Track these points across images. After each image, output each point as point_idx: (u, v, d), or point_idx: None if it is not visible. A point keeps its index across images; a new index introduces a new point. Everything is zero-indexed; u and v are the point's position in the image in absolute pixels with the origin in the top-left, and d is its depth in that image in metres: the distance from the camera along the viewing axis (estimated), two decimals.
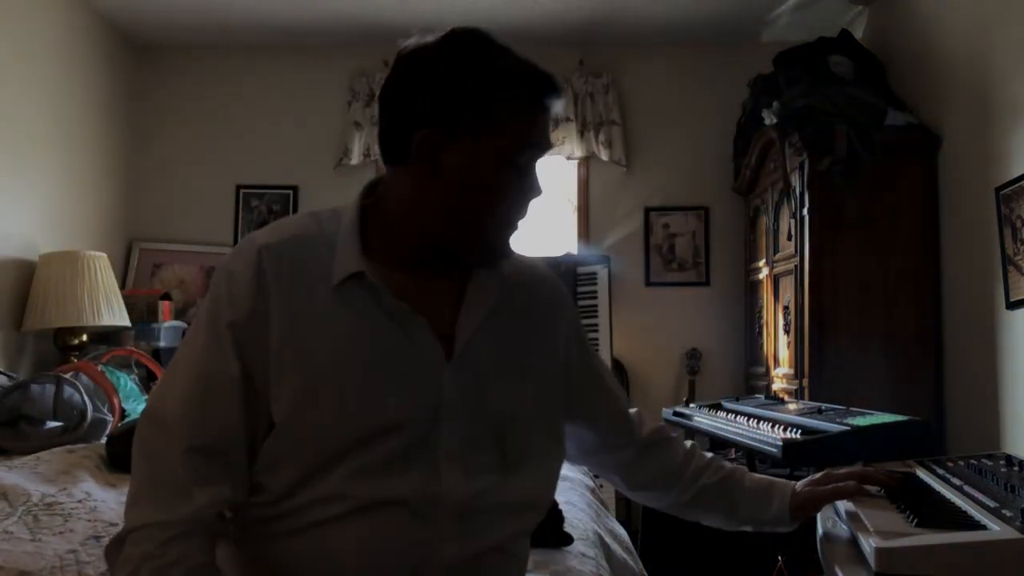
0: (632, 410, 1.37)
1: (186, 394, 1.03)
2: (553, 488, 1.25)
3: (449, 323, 1.09)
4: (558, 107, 1.13)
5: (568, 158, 4.28)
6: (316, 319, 1.04)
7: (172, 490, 1.00)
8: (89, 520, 1.58)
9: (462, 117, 1.04)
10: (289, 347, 1.03)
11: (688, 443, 1.39)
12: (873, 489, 1.32)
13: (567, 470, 2.27)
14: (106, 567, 1.09)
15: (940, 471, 1.45)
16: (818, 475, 1.35)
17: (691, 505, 1.34)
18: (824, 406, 2.31)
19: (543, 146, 1.10)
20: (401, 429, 1.04)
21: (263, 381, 1.03)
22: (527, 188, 1.09)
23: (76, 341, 3.40)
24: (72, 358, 3.26)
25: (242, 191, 4.34)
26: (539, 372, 1.18)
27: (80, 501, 1.66)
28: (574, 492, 2.08)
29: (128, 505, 1.03)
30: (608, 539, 1.87)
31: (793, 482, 1.34)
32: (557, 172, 4.36)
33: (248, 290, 1.04)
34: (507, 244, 1.12)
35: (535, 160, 1.09)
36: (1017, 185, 2.50)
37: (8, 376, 2.79)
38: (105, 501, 1.70)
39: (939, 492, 1.33)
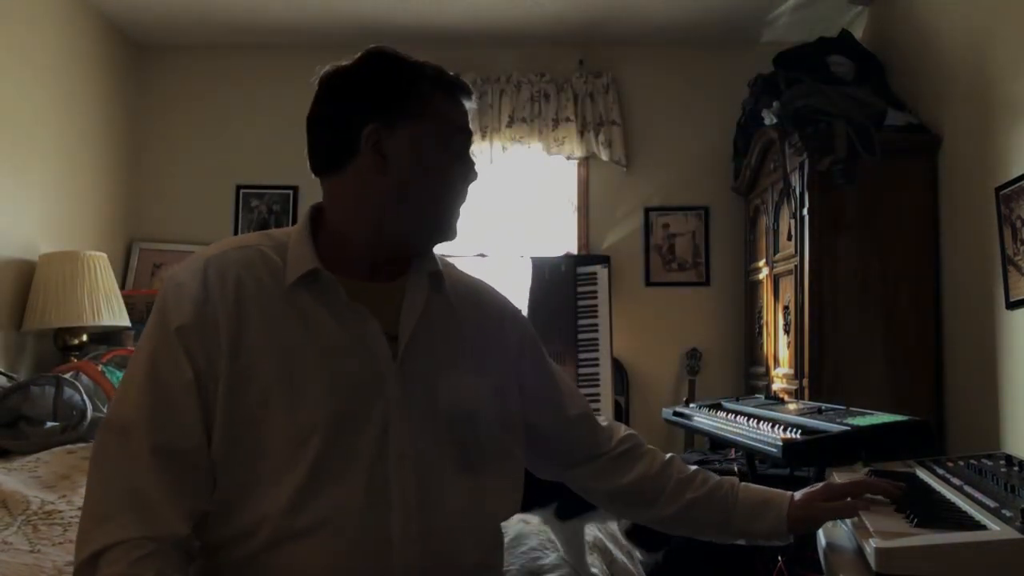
0: (603, 422, 1.35)
1: (143, 399, 1.03)
2: (519, 491, 1.22)
3: (394, 325, 1.13)
4: (472, 106, 1.20)
5: (568, 158, 4.28)
6: (263, 325, 1.06)
7: (141, 502, 0.98)
8: None
9: (398, 108, 1.12)
10: (235, 354, 1.04)
11: (668, 455, 1.34)
12: (875, 498, 1.27)
13: None
14: None
15: (940, 471, 1.45)
16: (818, 486, 1.29)
17: (676, 520, 1.30)
18: (824, 406, 2.31)
19: (469, 134, 1.18)
20: (348, 430, 1.05)
21: (213, 386, 1.03)
22: (464, 171, 1.17)
23: (76, 341, 3.40)
24: (72, 358, 3.26)
25: (242, 191, 4.34)
26: (494, 370, 1.21)
27: (80, 509, 1.65)
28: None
29: (92, 523, 0.99)
30: (608, 543, 1.87)
31: (790, 493, 1.28)
32: (557, 172, 4.36)
33: (194, 298, 1.05)
34: (454, 226, 1.18)
35: (466, 146, 1.18)
36: (1017, 185, 2.50)
37: (8, 376, 2.79)
38: None
39: (939, 492, 1.32)
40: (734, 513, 1.27)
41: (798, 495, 1.27)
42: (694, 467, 1.33)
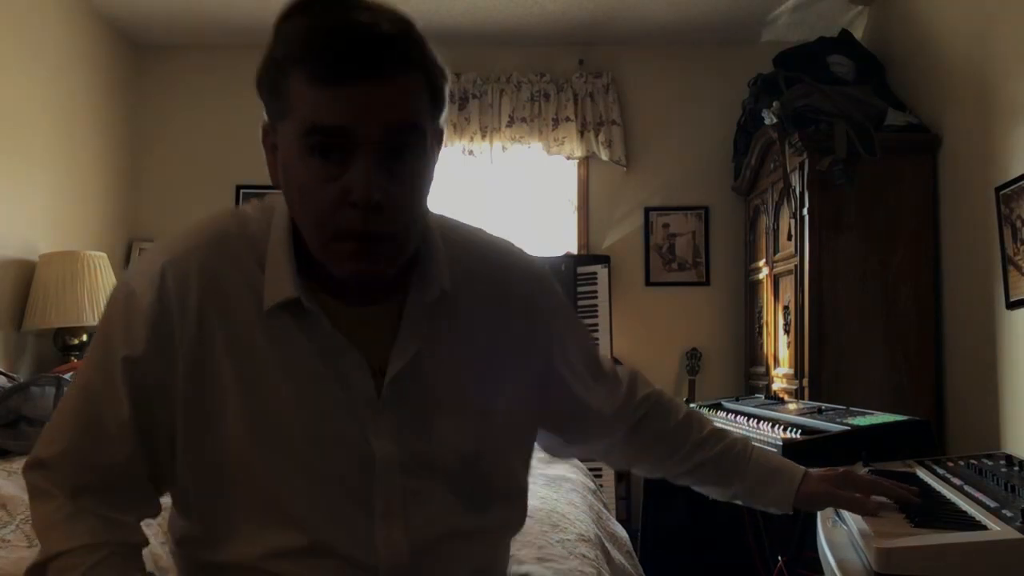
0: (623, 388, 1.20)
1: (71, 433, 0.92)
2: (524, 508, 1.09)
3: (386, 358, 0.94)
4: (386, 71, 0.83)
5: (568, 158, 4.28)
6: (233, 355, 0.90)
7: (80, 520, 0.90)
8: None
9: (266, 102, 0.90)
10: (197, 385, 0.90)
11: (687, 409, 1.25)
12: (884, 501, 1.23)
13: (568, 472, 2.27)
14: None
15: (940, 471, 1.45)
16: (839, 470, 1.24)
17: (684, 475, 1.24)
18: (824, 406, 2.31)
19: (342, 129, 0.83)
20: (328, 479, 0.92)
21: (164, 423, 0.91)
22: (337, 176, 0.84)
23: (76, 341, 3.40)
24: (72, 358, 3.26)
25: (242, 191, 4.34)
26: (511, 386, 1.02)
27: None
28: (575, 494, 2.08)
29: (41, 531, 0.92)
30: (608, 544, 1.87)
31: (804, 469, 1.23)
32: (557, 172, 4.36)
33: (147, 319, 0.89)
34: (338, 253, 0.88)
35: (333, 147, 0.84)
36: (1017, 185, 2.50)
37: (8, 377, 2.78)
38: None
39: (939, 492, 1.32)
40: (742, 480, 1.22)
41: (815, 472, 1.22)
42: (712, 425, 1.26)
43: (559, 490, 2.02)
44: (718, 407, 2.71)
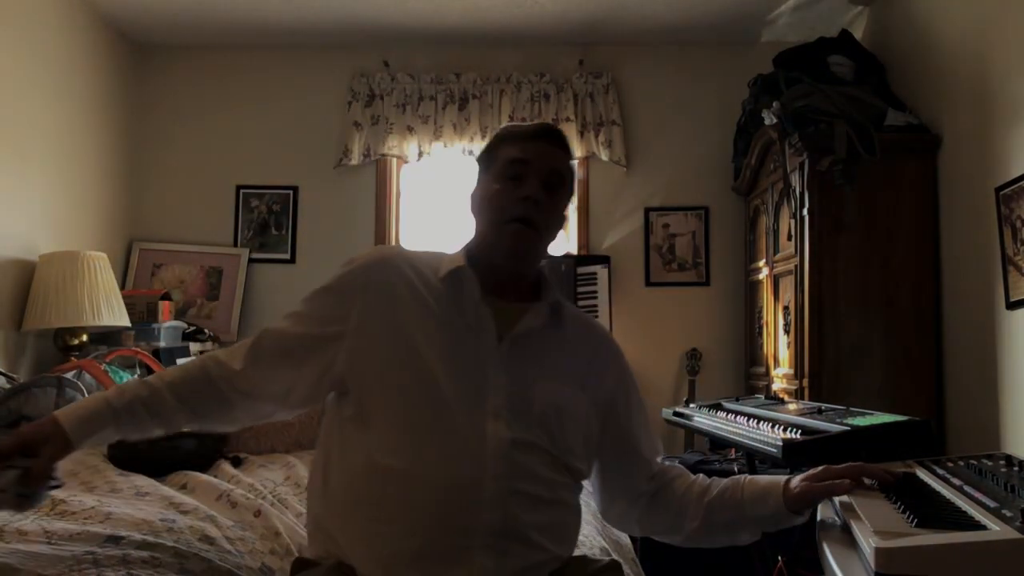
0: (658, 451, 1.53)
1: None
2: (578, 476, 1.41)
3: (509, 332, 1.37)
4: (556, 142, 1.45)
5: None
6: (410, 318, 1.35)
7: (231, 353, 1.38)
8: (103, 522, 1.54)
9: (482, 164, 1.48)
10: (380, 329, 1.35)
11: (692, 476, 1.50)
12: (868, 482, 1.36)
13: None
14: (126, 570, 1.32)
15: (940, 471, 1.45)
16: (818, 469, 1.39)
17: (704, 528, 1.44)
18: (824, 406, 2.31)
19: (525, 160, 1.41)
20: (455, 396, 1.30)
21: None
22: (517, 188, 1.40)
23: (76, 341, 3.40)
24: (72, 358, 3.26)
25: (242, 191, 4.34)
26: (588, 389, 1.41)
27: (93, 507, 1.62)
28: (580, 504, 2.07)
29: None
30: (613, 553, 1.86)
31: (785, 477, 1.41)
32: None
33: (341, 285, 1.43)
34: (506, 232, 1.38)
35: (526, 171, 1.40)
36: (1017, 185, 2.50)
37: (8, 377, 2.79)
38: (119, 507, 1.65)
39: (939, 492, 1.33)
40: (745, 506, 1.41)
41: (796, 478, 1.40)
42: (709, 479, 1.48)
43: None
44: (718, 407, 2.70)
